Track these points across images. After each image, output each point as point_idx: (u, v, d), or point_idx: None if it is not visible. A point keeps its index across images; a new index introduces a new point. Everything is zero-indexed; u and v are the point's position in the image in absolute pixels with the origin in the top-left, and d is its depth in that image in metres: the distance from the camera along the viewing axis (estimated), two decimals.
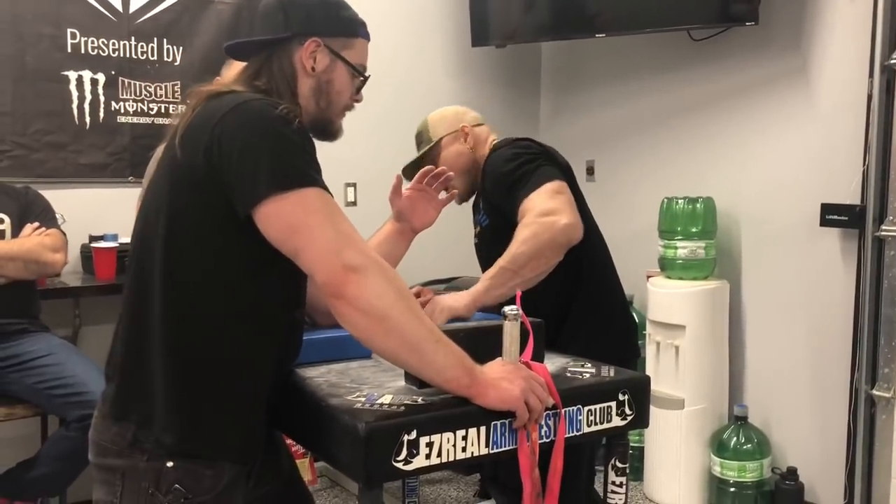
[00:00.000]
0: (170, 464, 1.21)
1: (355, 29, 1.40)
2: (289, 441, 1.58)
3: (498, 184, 1.88)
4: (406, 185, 1.79)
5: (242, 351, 1.26)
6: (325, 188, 1.20)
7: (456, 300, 1.66)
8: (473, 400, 1.22)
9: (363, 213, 1.81)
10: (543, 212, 1.70)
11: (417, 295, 1.97)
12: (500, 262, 1.68)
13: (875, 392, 2.59)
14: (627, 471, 1.45)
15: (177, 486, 1.21)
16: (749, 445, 2.91)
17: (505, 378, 1.23)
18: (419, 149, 2.10)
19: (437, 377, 1.21)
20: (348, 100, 1.42)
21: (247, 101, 1.24)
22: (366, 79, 1.43)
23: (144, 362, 1.24)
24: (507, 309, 1.29)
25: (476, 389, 1.21)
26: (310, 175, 1.19)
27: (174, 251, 1.22)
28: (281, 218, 1.16)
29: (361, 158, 3.29)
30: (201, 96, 1.28)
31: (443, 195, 1.80)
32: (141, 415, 1.23)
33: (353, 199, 3.45)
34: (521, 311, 1.29)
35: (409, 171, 1.99)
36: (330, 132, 1.42)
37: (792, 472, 2.87)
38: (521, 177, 1.80)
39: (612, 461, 1.45)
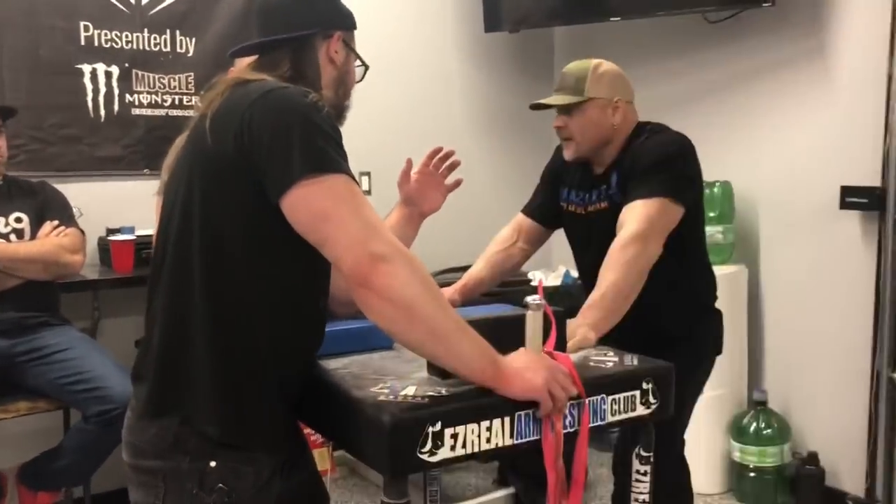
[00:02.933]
0: (213, 463, 1.22)
1: (355, 21, 1.47)
2: (307, 431, 1.58)
3: (642, 162, 1.87)
4: (415, 165, 1.77)
5: (279, 338, 1.27)
6: (353, 176, 1.20)
7: (589, 334, 1.56)
8: (497, 390, 1.21)
9: (377, 202, 1.79)
10: (640, 234, 1.74)
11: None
12: (607, 289, 1.68)
13: None
14: (652, 459, 1.44)
15: (220, 484, 1.22)
16: (769, 430, 2.90)
17: (529, 368, 1.23)
18: (564, 91, 1.96)
19: (462, 367, 1.20)
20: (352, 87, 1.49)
21: (276, 87, 1.24)
22: (367, 67, 1.50)
23: (185, 354, 1.24)
24: (529, 299, 1.28)
25: (500, 380, 1.21)
26: (339, 162, 1.19)
27: (213, 240, 1.23)
28: (309, 204, 1.17)
29: (375, 147, 3.26)
30: (228, 83, 1.29)
31: (449, 180, 1.79)
32: (182, 409, 1.23)
33: (367, 188, 3.43)
34: (543, 301, 1.28)
35: (536, 107, 2.04)
36: (343, 118, 1.47)
37: (813, 457, 2.86)
38: (662, 174, 1.83)
39: (637, 450, 1.44)
